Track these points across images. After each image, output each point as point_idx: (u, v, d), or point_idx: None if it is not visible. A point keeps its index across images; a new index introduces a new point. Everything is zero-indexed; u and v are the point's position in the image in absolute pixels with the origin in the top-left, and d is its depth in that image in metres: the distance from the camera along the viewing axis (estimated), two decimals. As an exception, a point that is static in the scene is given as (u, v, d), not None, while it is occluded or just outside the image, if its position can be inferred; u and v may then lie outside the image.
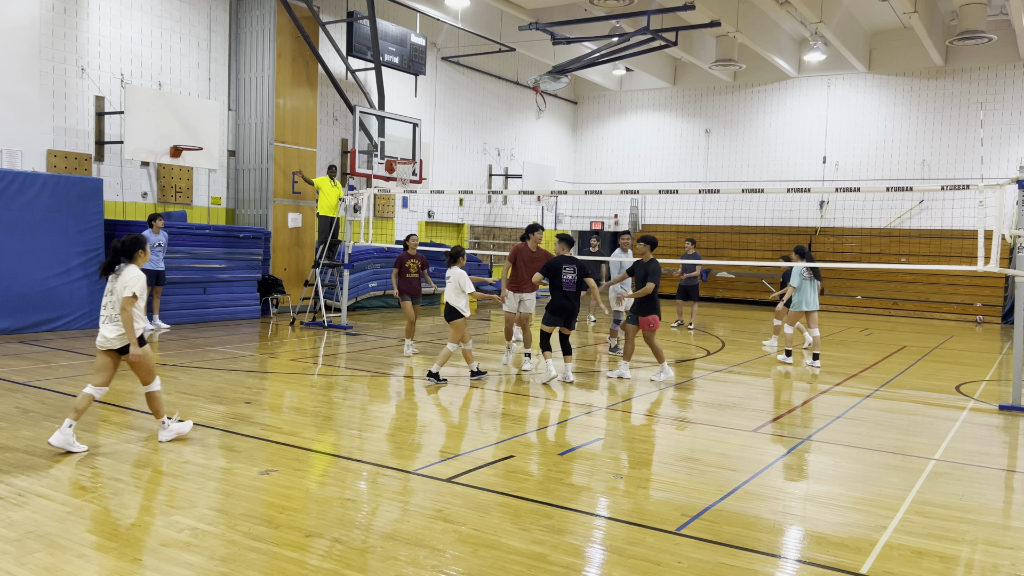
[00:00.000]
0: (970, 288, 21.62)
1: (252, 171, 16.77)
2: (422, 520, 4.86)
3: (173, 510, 4.89)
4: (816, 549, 4.63)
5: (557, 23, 19.58)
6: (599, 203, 28.01)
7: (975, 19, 17.31)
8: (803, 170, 24.57)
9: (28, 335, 12.00)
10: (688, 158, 26.77)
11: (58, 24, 13.73)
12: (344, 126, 19.26)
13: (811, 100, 24.64)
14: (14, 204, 12.10)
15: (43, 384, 8.51)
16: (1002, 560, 4.57)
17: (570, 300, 9.71)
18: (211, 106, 15.09)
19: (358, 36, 17.94)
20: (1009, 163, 21.72)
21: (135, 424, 7.03)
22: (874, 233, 23.33)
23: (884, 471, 6.39)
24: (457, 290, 9.52)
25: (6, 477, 5.39)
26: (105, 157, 14.57)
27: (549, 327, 9.76)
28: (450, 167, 23.13)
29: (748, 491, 5.66)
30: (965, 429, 7.95)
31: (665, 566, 4.30)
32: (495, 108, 24.80)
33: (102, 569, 4.03)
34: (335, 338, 13.24)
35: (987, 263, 9.11)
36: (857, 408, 8.86)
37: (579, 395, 9.13)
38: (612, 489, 5.64)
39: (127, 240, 6.20)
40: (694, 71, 26.11)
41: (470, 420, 7.93)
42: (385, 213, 20.60)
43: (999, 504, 5.71)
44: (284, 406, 7.97)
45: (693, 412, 8.38)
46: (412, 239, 11.86)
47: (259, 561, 4.18)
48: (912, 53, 22.36)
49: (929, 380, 10.99)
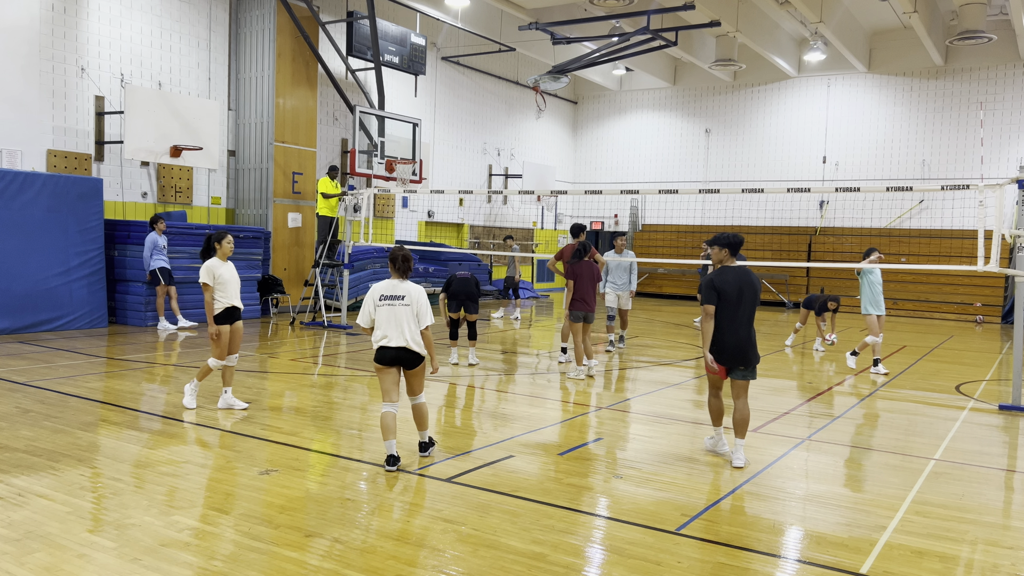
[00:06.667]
0: (970, 288, 21.62)
1: (252, 171, 16.77)
2: (422, 520, 4.86)
3: (173, 510, 4.89)
4: (816, 549, 4.63)
5: (557, 23, 19.57)
6: (599, 203, 28.01)
7: (975, 19, 17.32)
8: (803, 170, 24.57)
9: (28, 335, 12.00)
10: (688, 158, 26.76)
11: (58, 24, 13.72)
12: (344, 126, 19.26)
13: (811, 100, 24.63)
14: (14, 204, 12.10)
15: (43, 384, 8.50)
16: (1002, 560, 4.57)
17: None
18: (211, 106, 15.09)
19: (358, 36, 17.94)
20: (1009, 163, 21.72)
21: (135, 424, 7.03)
22: (874, 233, 23.32)
23: (884, 471, 6.39)
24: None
25: (6, 477, 5.39)
26: (105, 157, 14.57)
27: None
28: (450, 167, 23.12)
29: (748, 491, 5.66)
30: (965, 429, 7.95)
31: (665, 566, 4.30)
32: (495, 108, 24.79)
33: (102, 569, 4.03)
34: (335, 338, 13.23)
35: (987, 263, 9.11)
36: (857, 408, 8.86)
37: (579, 395, 9.13)
38: (612, 489, 5.64)
39: (209, 235, 7.65)
40: (694, 71, 26.11)
41: (470, 420, 7.93)
42: (385, 213, 20.60)
43: (999, 504, 5.71)
44: (284, 406, 7.97)
45: (693, 412, 8.38)
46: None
47: (259, 561, 4.18)
48: (912, 53, 22.36)
49: (929, 380, 10.99)
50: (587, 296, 10.20)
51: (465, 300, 10.75)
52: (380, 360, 5.98)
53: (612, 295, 12.90)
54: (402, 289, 6.00)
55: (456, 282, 10.79)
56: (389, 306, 5.96)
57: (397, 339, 5.91)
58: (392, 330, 5.91)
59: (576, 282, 10.16)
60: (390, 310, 5.95)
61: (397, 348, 5.92)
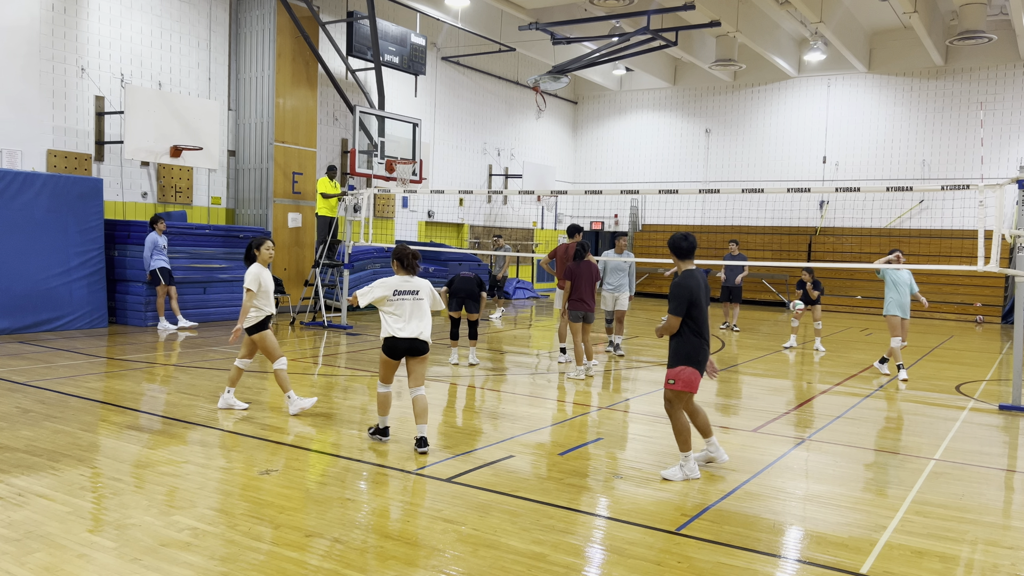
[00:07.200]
0: (970, 288, 21.61)
1: (252, 171, 16.77)
2: (422, 520, 4.86)
3: (173, 510, 4.89)
4: (816, 549, 4.63)
5: (557, 23, 19.58)
6: (599, 203, 28.02)
7: (975, 19, 17.32)
8: (803, 170, 24.57)
9: (28, 335, 12.00)
10: (688, 158, 26.76)
11: (58, 24, 13.72)
12: (344, 126, 19.26)
13: (811, 100, 24.63)
14: (14, 204, 12.10)
15: (43, 384, 8.50)
16: (1002, 560, 4.57)
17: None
18: (211, 106, 15.09)
19: (358, 36, 17.94)
20: (1009, 163, 21.72)
21: (135, 424, 7.03)
22: (874, 233, 23.33)
23: (884, 471, 6.39)
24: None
25: (6, 477, 5.39)
26: (105, 157, 14.57)
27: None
28: (450, 167, 23.12)
29: (748, 491, 5.66)
30: (965, 429, 7.95)
31: (665, 566, 4.30)
32: (495, 108, 24.79)
33: (102, 569, 4.03)
34: (335, 338, 13.23)
35: (987, 263, 9.11)
36: (857, 408, 8.86)
37: (579, 395, 9.13)
38: (612, 489, 5.64)
39: (250, 241, 7.63)
40: (694, 71, 26.11)
41: (470, 420, 7.93)
42: (385, 213, 20.60)
43: (999, 504, 5.71)
44: (284, 406, 7.97)
45: (693, 412, 8.37)
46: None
47: (259, 561, 4.18)
48: (912, 53, 22.36)
49: (929, 380, 10.99)
50: (586, 296, 10.24)
51: (466, 299, 10.75)
52: (390, 352, 6.37)
53: (608, 297, 12.69)
54: (415, 284, 6.45)
55: (458, 280, 10.80)
56: (406, 300, 6.36)
57: (412, 330, 6.31)
58: (412, 322, 6.33)
59: (575, 282, 10.21)
60: (412, 303, 6.37)
61: (409, 339, 6.31)
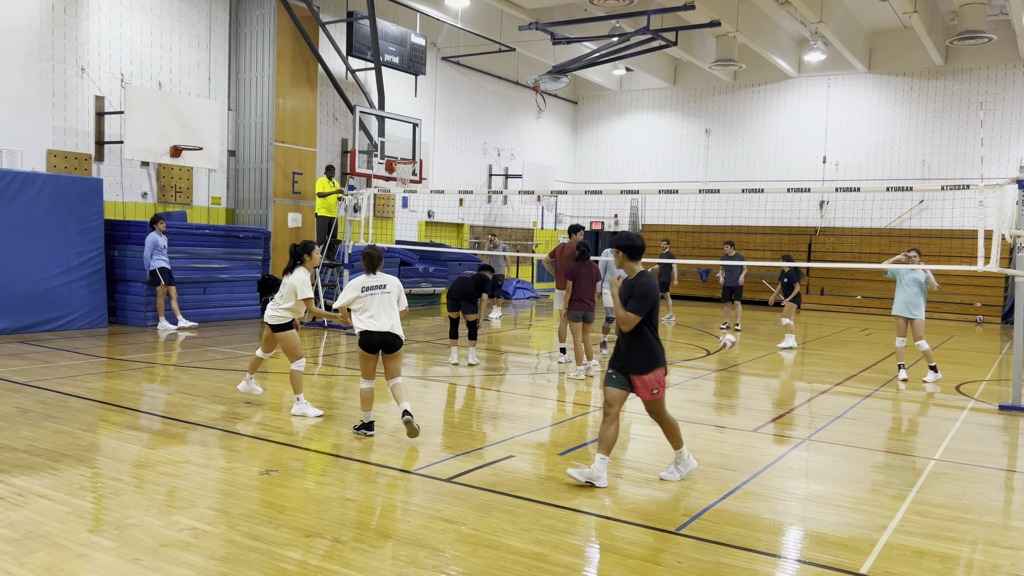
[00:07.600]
0: (970, 288, 21.61)
1: (252, 171, 16.77)
2: (422, 520, 4.86)
3: (173, 510, 4.89)
4: (816, 549, 4.63)
5: (557, 23, 19.57)
6: (599, 203, 28.01)
7: (975, 19, 17.31)
8: (803, 170, 24.57)
9: (28, 335, 12.00)
10: (688, 158, 26.76)
11: (58, 24, 13.72)
12: (344, 126, 19.26)
13: (811, 100, 24.63)
14: (14, 204, 12.10)
15: (43, 384, 8.50)
16: (1002, 560, 4.57)
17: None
18: (211, 106, 15.09)
19: (358, 36, 17.94)
20: (1009, 163, 21.71)
21: (135, 424, 7.03)
22: (874, 233, 23.33)
23: (884, 471, 6.39)
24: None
25: (6, 477, 5.39)
26: (105, 157, 14.57)
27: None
28: (450, 167, 23.12)
29: (748, 491, 5.66)
30: (965, 429, 7.95)
31: (665, 566, 4.30)
32: (495, 108, 24.79)
33: (102, 569, 4.03)
34: (335, 338, 13.23)
35: (987, 263, 9.11)
36: (857, 408, 8.86)
37: (579, 395, 9.13)
38: (612, 489, 5.64)
39: (298, 246, 7.57)
40: (694, 71, 26.10)
41: (470, 420, 7.93)
42: (385, 213, 20.59)
43: (999, 504, 5.71)
44: (284, 406, 7.97)
45: (693, 412, 8.37)
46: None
47: (259, 561, 4.18)
48: (912, 53, 22.35)
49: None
50: (586, 296, 10.25)
51: (460, 300, 10.74)
52: (366, 347, 6.71)
53: (608, 296, 12.82)
54: (382, 279, 6.85)
55: (456, 281, 10.80)
56: (375, 295, 6.75)
57: (383, 323, 6.68)
58: (381, 314, 6.70)
59: (575, 282, 10.22)
60: (380, 297, 6.75)
61: (382, 332, 6.66)
